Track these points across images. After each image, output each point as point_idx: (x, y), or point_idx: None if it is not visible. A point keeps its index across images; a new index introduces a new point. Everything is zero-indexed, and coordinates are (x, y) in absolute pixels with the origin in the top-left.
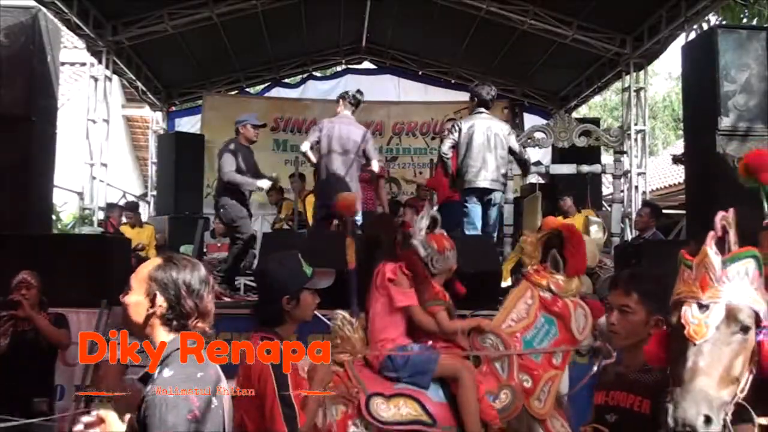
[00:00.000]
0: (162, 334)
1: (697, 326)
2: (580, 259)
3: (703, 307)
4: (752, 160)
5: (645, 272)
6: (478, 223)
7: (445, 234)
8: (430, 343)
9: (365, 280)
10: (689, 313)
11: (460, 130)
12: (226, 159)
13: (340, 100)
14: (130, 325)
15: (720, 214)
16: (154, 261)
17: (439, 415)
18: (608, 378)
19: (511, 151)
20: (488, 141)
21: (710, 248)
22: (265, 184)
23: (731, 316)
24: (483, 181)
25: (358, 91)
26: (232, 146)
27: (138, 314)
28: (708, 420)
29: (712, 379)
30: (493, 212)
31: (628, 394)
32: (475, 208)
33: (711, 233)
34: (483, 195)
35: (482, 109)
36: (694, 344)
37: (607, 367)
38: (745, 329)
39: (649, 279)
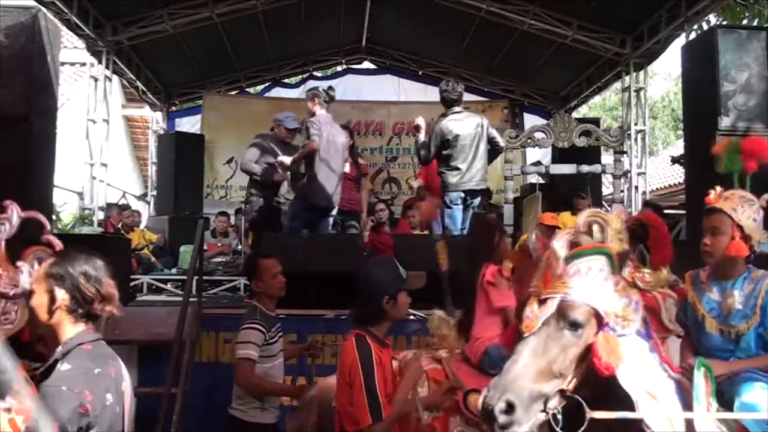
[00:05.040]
0: (68, 328)
1: (531, 321)
2: (665, 251)
3: (542, 302)
4: (750, 144)
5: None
6: (459, 226)
7: None
8: None
9: (465, 281)
10: (528, 308)
11: (441, 133)
12: (249, 150)
13: (315, 98)
14: (39, 327)
15: (587, 211)
16: (49, 261)
17: None
18: None
19: (492, 141)
20: (469, 140)
21: (557, 243)
22: (286, 159)
23: (560, 312)
24: (471, 181)
25: (330, 87)
26: (261, 139)
27: (44, 313)
28: (510, 407)
29: (529, 369)
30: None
31: None
32: (459, 211)
33: (568, 229)
34: (472, 195)
35: (455, 108)
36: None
37: None
38: (574, 326)
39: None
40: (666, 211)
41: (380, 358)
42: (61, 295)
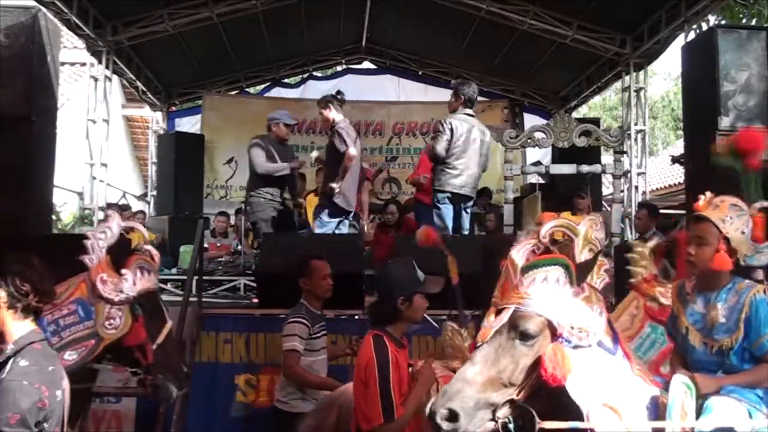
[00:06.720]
0: (14, 325)
1: (485, 330)
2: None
3: (498, 312)
4: (745, 140)
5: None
6: (450, 225)
7: None
8: None
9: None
10: (486, 318)
11: (452, 129)
12: (255, 152)
13: (330, 105)
14: None
15: (552, 221)
16: None
17: None
18: None
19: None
20: (472, 144)
21: (516, 252)
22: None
23: (512, 322)
24: (463, 187)
25: (338, 91)
26: (260, 141)
27: None
28: (453, 415)
29: (478, 378)
30: (467, 218)
31: None
32: (447, 210)
33: (528, 238)
34: (459, 199)
35: (468, 110)
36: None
37: None
38: (525, 337)
39: None
40: (666, 211)
41: (397, 359)
42: (0, 295)
